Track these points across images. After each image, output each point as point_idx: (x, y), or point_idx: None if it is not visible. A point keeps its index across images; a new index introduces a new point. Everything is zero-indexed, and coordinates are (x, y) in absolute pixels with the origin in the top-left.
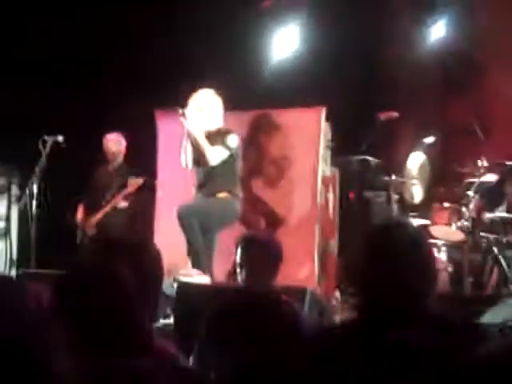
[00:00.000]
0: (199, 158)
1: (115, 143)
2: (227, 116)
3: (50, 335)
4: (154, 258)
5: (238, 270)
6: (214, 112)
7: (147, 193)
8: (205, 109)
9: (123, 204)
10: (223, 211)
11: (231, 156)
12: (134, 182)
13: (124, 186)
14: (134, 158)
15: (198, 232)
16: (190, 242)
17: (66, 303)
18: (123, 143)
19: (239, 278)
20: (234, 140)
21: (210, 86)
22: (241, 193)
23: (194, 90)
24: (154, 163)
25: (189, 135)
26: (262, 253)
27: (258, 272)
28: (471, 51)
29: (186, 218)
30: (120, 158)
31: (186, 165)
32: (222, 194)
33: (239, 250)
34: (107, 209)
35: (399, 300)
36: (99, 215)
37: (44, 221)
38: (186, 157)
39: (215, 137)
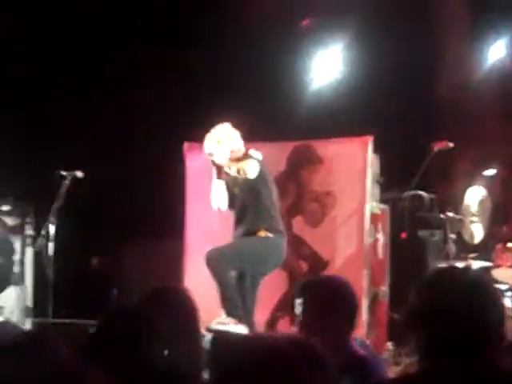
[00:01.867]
0: (232, 196)
1: None
2: (264, 148)
3: None
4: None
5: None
6: (234, 144)
7: None
8: (223, 141)
9: None
10: (262, 251)
11: (261, 174)
12: None
13: None
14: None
15: (231, 279)
16: (222, 291)
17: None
18: None
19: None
20: (255, 152)
21: (245, 115)
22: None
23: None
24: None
25: (218, 171)
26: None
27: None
28: None
29: (215, 267)
30: None
31: (219, 208)
32: (262, 233)
33: (301, 300)
34: None
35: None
36: None
37: (62, 265)
38: (218, 198)
39: (238, 161)
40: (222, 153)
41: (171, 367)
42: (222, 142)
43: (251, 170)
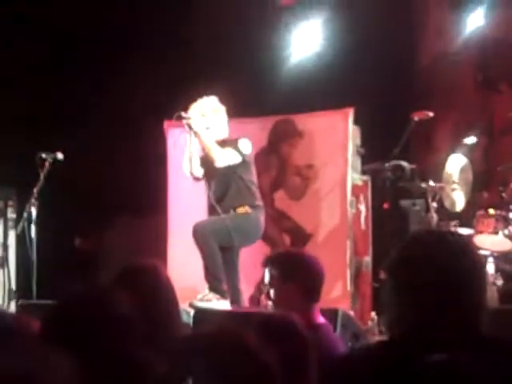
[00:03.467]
0: (208, 167)
1: None
2: (244, 123)
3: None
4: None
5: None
6: (218, 119)
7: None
8: (208, 114)
9: None
10: (245, 227)
11: (244, 162)
12: None
13: None
14: (144, 172)
15: (217, 252)
16: (207, 264)
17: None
18: None
19: (269, 303)
20: (245, 144)
21: (224, 91)
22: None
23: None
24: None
25: (195, 137)
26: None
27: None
28: None
29: (202, 238)
30: None
31: (191, 173)
32: (242, 209)
33: (267, 270)
34: None
35: (446, 317)
36: None
37: (44, 247)
38: (191, 165)
39: (223, 144)
40: (202, 123)
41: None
42: (207, 115)
43: (223, 158)
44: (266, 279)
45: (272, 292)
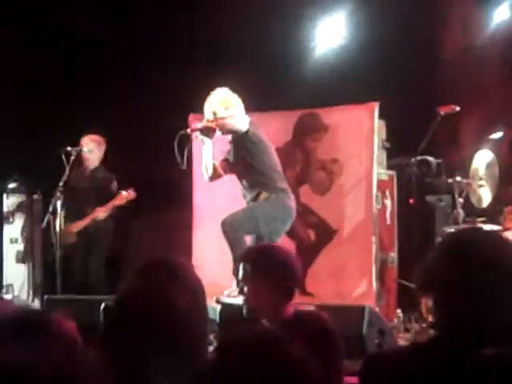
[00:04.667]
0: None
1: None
2: (269, 117)
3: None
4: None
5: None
6: (231, 113)
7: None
8: (219, 111)
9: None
10: (270, 212)
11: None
12: (126, 196)
13: (103, 192)
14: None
15: (246, 246)
16: (235, 258)
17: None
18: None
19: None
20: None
21: (249, 84)
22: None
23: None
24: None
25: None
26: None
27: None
28: None
29: (231, 230)
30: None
31: (210, 178)
32: (264, 195)
33: (241, 266)
34: (89, 219)
35: (493, 313)
36: (81, 224)
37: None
38: (208, 172)
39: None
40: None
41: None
42: (218, 112)
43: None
44: (240, 275)
45: (245, 288)
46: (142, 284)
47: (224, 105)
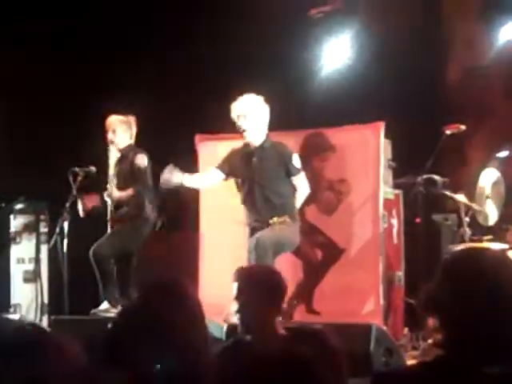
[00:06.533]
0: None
1: None
2: (277, 137)
3: None
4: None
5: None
6: (249, 123)
7: None
8: (239, 120)
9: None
10: (288, 237)
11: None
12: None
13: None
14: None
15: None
16: None
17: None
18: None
19: (236, 317)
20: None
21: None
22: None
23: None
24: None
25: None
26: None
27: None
28: None
29: (262, 252)
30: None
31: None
32: (282, 219)
33: (235, 285)
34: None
35: (494, 332)
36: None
37: (76, 261)
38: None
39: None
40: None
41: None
42: (239, 121)
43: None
44: (233, 292)
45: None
46: (141, 304)
47: (243, 114)
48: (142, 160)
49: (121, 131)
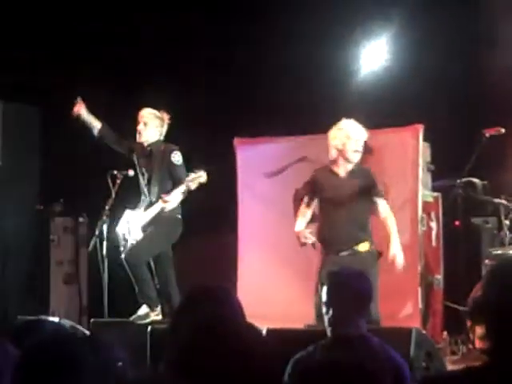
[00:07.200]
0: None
1: None
2: (315, 140)
3: None
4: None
5: (325, 310)
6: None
7: None
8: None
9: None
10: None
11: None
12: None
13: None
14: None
15: None
16: None
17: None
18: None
19: (326, 320)
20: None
21: (293, 107)
22: None
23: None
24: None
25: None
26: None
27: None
28: None
29: None
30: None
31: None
32: (365, 246)
33: (325, 288)
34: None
35: None
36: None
37: (116, 263)
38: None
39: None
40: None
41: None
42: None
43: None
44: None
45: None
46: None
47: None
48: (180, 157)
49: (153, 126)
